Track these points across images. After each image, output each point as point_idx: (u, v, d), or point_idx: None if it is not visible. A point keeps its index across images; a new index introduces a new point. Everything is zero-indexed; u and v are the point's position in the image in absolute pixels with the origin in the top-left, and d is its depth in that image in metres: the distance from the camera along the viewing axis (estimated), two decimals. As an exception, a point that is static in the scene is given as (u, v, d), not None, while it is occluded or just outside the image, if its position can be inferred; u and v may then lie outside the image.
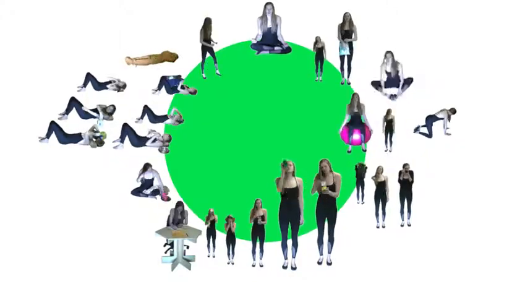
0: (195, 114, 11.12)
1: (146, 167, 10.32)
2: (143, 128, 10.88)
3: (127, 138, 10.72)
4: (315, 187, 8.89)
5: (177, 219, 9.77)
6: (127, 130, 10.73)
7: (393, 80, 11.18)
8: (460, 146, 10.58)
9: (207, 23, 11.49)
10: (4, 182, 10.22)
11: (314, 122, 10.86)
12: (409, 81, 11.21)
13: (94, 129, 10.76)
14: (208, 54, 11.54)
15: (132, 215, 9.93)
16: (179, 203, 9.85)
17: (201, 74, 11.57)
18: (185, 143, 10.80)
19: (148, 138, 10.71)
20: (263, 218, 9.24)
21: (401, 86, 11.16)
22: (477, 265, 9.32)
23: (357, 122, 10.61)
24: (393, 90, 11.20)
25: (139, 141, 10.74)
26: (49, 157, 10.49)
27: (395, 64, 11.11)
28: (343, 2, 11.63)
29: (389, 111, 10.72)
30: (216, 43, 11.52)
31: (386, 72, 11.16)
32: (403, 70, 11.10)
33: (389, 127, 10.69)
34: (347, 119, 10.66)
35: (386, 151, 10.68)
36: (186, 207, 9.88)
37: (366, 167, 10.43)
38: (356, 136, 10.62)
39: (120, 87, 11.53)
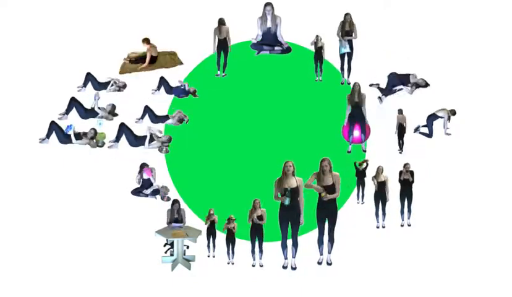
0: (195, 114, 11.12)
1: (143, 167, 10.34)
2: (143, 128, 10.89)
3: (123, 138, 10.72)
4: (310, 184, 8.83)
5: (174, 218, 9.79)
6: (123, 130, 10.73)
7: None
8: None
9: (220, 23, 11.50)
10: (4, 182, 10.22)
11: (314, 122, 10.86)
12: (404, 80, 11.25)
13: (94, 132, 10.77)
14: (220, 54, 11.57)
15: (132, 215, 9.94)
16: (175, 201, 9.88)
17: (217, 71, 11.54)
18: (185, 143, 10.80)
19: (145, 142, 10.69)
20: (260, 217, 9.24)
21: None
22: (477, 264, 9.32)
23: (357, 115, 10.58)
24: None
25: (137, 141, 10.74)
26: (49, 157, 10.50)
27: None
28: (343, 2, 11.63)
29: (401, 112, 10.74)
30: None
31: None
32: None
33: (401, 129, 10.71)
34: (348, 109, 10.64)
35: (400, 152, 10.68)
36: (183, 205, 9.92)
37: (367, 165, 10.42)
38: (356, 133, 10.62)
39: (120, 87, 11.53)
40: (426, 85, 11.10)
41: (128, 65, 11.84)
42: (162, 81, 11.47)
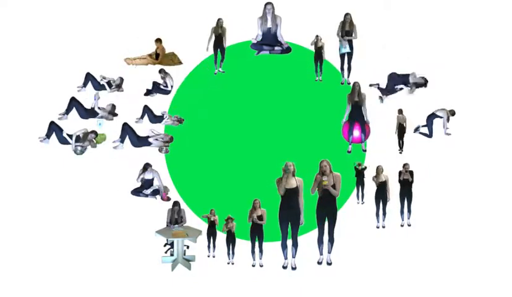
0: (195, 114, 11.12)
1: (146, 167, 10.33)
2: (143, 128, 10.89)
3: (127, 138, 10.72)
4: (315, 185, 8.88)
5: (174, 219, 9.80)
6: (126, 129, 10.74)
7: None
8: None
9: (220, 24, 11.51)
10: (4, 182, 10.22)
11: (314, 122, 10.86)
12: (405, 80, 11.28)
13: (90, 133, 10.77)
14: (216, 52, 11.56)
15: (132, 215, 9.94)
16: (175, 203, 9.88)
17: (214, 70, 11.53)
18: (185, 143, 10.80)
19: (149, 138, 10.72)
20: (260, 217, 9.25)
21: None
22: (477, 264, 9.33)
23: (357, 114, 10.57)
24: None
25: (139, 141, 10.74)
26: (49, 157, 10.50)
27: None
28: (343, 2, 11.63)
29: (400, 112, 10.75)
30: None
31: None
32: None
33: (401, 129, 10.71)
34: (348, 109, 10.64)
35: (400, 152, 10.69)
36: (183, 206, 9.92)
37: (365, 167, 10.43)
38: (356, 133, 10.61)
39: (119, 86, 11.50)
40: (426, 82, 11.12)
41: (129, 59, 11.82)
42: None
